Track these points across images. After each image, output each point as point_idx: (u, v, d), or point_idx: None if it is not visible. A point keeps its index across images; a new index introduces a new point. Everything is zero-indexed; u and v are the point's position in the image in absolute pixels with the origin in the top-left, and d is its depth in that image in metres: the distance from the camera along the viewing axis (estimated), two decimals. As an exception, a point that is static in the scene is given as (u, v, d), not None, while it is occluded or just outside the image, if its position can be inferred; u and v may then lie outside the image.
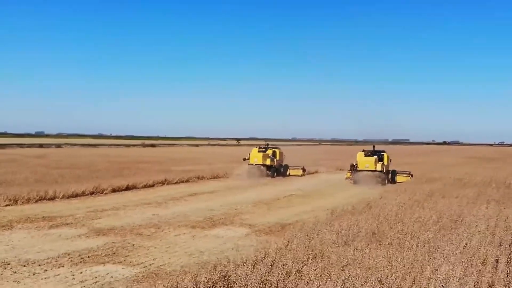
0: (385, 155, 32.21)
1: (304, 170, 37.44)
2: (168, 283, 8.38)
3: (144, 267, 10.28)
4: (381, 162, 31.25)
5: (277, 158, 36.20)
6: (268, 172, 34.39)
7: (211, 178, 31.22)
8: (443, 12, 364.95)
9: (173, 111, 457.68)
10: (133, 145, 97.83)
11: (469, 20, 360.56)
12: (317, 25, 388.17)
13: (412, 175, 32.68)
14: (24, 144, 78.64)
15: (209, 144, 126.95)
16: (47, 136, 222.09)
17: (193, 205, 19.58)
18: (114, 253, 11.43)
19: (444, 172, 38.16)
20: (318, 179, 34.51)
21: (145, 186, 25.07)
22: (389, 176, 31.88)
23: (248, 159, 35.06)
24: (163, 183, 26.64)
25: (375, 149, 32.61)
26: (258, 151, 35.37)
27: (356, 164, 31.27)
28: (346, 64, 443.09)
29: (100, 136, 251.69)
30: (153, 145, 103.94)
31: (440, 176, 33.04)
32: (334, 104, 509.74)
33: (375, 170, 30.33)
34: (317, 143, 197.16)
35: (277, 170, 35.49)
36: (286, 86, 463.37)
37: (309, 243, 11.29)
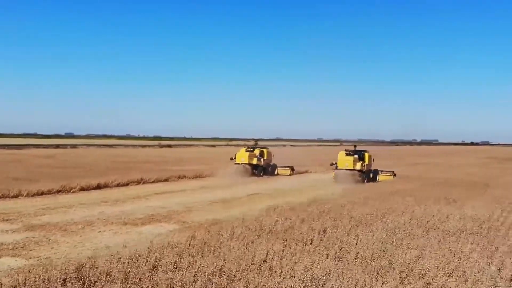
0: (366, 155, 32.71)
1: (292, 169, 37.75)
2: (35, 274, 8.65)
3: (38, 260, 10.62)
4: (362, 161, 31.72)
5: (265, 157, 36.58)
6: (254, 171, 34.76)
7: (193, 178, 31.58)
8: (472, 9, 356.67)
9: (202, 112, 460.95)
10: (150, 146, 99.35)
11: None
12: (332, 25, 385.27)
13: (395, 175, 32.76)
14: (41, 145, 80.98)
15: (227, 145, 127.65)
16: (76, 137, 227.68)
17: (149, 203, 19.90)
18: (23, 247, 11.84)
19: (444, 173, 37.79)
20: (304, 178, 34.68)
21: (118, 185, 25.55)
22: (371, 175, 32.31)
23: (235, 158, 35.49)
24: (138, 182, 27.08)
25: (357, 149, 33.41)
26: (246, 151, 35.81)
27: (337, 163, 31.81)
28: (370, 65, 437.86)
29: (127, 137, 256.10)
30: (169, 146, 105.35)
31: (431, 177, 32.91)
32: (359, 105, 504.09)
33: (354, 169, 30.93)
34: (339, 144, 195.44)
35: (264, 169, 35.82)
36: (313, 87, 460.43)
37: (209, 239, 11.48)
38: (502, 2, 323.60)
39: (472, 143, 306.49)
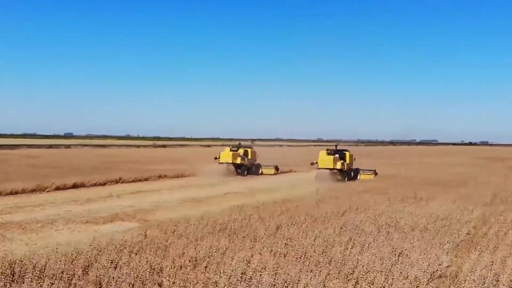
0: (347, 154, 33.30)
1: (277, 169, 38.19)
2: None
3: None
4: (342, 161, 32.20)
5: (249, 157, 37.09)
6: (238, 170, 35.18)
7: (175, 177, 31.72)
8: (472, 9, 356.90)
9: (202, 113, 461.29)
10: (144, 146, 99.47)
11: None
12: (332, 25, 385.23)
13: (376, 174, 33.00)
14: (34, 145, 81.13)
15: (222, 145, 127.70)
16: (75, 137, 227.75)
17: (120, 202, 20.01)
18: (-25, 244, 11.97)
19: (428, 172, 38.00)
20: (287, 177, 35.00)
21: (95, 185, 25.66)
22: (352, 174, 32.76)
23: (219, 158, 35.86)
24: (117, 181, 27.20)
25: (338, 148, 34.00)
26: (230, 150, 36.19)
27: (317, 162, 32.19)
28: (372, 65, 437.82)
29: (126, 137, 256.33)
30: (164, 146, 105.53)
31: (412, 176, 33.12)
32: (359, 105, 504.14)
33: (334, 168, 31.35)
34: (336, 144, 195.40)
35: (249, 168, 36.32)
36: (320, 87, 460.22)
37: (157, 237, 11.60)
38: (502, 2, 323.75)
39: (470, 143, 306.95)
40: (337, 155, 32.44)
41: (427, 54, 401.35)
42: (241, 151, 36.95)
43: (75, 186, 24.62)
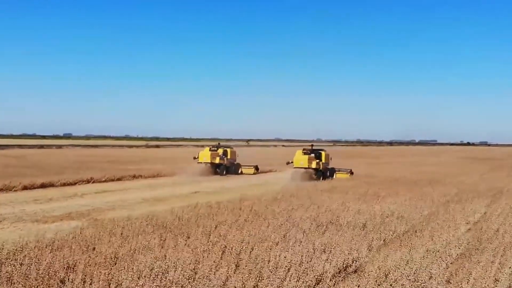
0: (323, 153, 33.64)
1: (257, 168, 38.45)
2: None
3: None
4: (318, 160, 32.53)
5: (228, 156, 37.44)
6: (217, 169, 35.55)
7: (150, 176, 31.83)
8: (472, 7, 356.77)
9: (202, 113, 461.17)
10: (136, 146, 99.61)
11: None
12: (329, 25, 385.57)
13: (352, 173, 33.34)
14: (26, 145, 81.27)
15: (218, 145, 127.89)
16: (74, 138, 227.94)
17: (80, 201, 20.12)
18: None
19: (405, 171, 38.23)
20: (263, 177, 35.44)
21: (64, 184, 25.77)
22: (328, 173, 33.18)
23: (198, 157, 36.23)
24: (88, 181, 27.33)
25: (314, 148, 34.33)
26: (210, 150, 36.55)
27: (292, 162, 32.72)
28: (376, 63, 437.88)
29: (124, 138, 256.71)
30: (157, 146, 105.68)
31: (386, 175, 33.34)
32: (359, 105, 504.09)
33: (309, 167, 31.77)
34: (332, 144, 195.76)
35: (228, 168, 36.66)
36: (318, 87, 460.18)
37: (92, 235, 11.73)
38: (501, 2, 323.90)
39: (468, 143, 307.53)
40: (312, 155, 32.90)
41: (427, 54, 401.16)
42: (220, 151, 37.42)
43: (43, 185, 24.72)
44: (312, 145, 35.03)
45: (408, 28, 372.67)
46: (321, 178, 31.77)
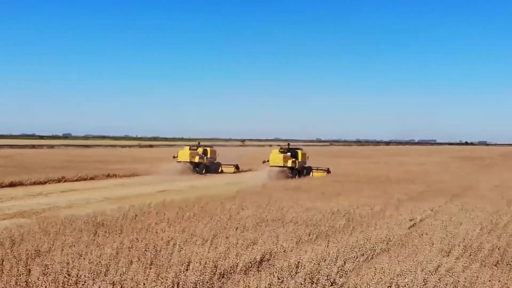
0: (300, 152, 33.94)
1: (237, 167, 38.60)
2: None
3: None
4: (294, 159, 32.89)
5: (208, 155, 37.65)
6: (196, 169, 35.77)
7: (125, 176, 31.85)
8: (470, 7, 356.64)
9: (202, 113, 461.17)
10: (129, 146, 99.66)
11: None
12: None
13: (329, 172, 33.46)
14: (17, 145, 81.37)
15: (212, 145, 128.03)
16: (73, 137, 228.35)
17: (41, 200, 20.10)
18: None
19: (382, 170, 38.23)
20: (240, 176, 35.46)
21: (34, 183, 25.78)
22: (304, 172, 33.52)
23: (177, 156, 36.51)
24: (59, 180, 27.35)
25: (290, 147, 34.59)
26: (190, 149, 36.77)
27: (268, 161, 33.16)
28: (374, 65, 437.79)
29: (123, 138, 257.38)
30: (151, 146, 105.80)
31: (361, 174, 33.42)
32: (359, 105, 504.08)
33: (285, 166, 32.14)
34: (328, 144, 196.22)
35: (208, 167, 36.90)
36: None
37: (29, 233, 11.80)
38: (500, 2, 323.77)
39: (466, 143, 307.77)
40: (288, 154, 33.25)
41: (427, 54, 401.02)
42: (200, 150, 37.73)
43: (12, 184, 24.77)
44: (288, 144, 35.34)
45: (408, 28, 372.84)
46: (296, 176, 31.86)
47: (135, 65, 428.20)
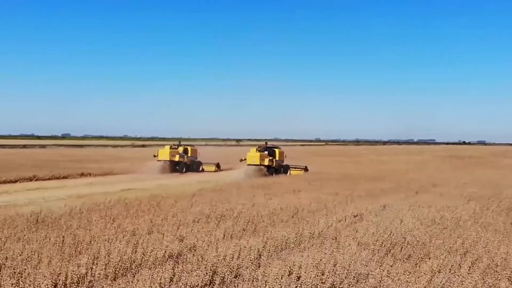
0: (277, 151, 34.66)
1: (218, 166, 38.82)
2: None
3: None
4: (271, 157, 33.47)
5: (189, 154, 37.99)
6: (177, 167, 36.14)
7: (98, 175, 31.92)
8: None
9: (202, 113, 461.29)
10: (121, 146, 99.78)
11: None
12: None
13: (307, 170, 33.71)
14: (7, 145, 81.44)
15: (205, 145, 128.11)
16: (71, 138, 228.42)
17: (3, 198, 20.13)
18: None
19: (359, 169, 38.35)
20: (220, 174, 35.52)
21: (5, 182, 25.87)
22: (282, 170, 33.99)
23: (157, 155, 36.81)
24: (31, 179, 27.49)
25: (268, 146, 35.43)
26: (170, 148, 37.07)
27: (245, 159, 33.67)
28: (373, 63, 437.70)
29: (122, 138, 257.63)
30: (143, 146, 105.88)
31: (336, 172, 33.60)
32: (359, 105, 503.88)
33: (261, 164, 32.75)
34: (324, 144, 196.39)
35: (188, 166, 37.27)
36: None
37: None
38: (499, 2, 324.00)
39: (464, 143, 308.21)
40: (265, 152, 33.78)
41: (426, 54, 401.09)
42: (180, 149, 38.15)
43: (-20, 183, 24.86)
44: (266, 143, 35.85)
45: (407, 28, 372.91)
46: (273, 175, 32.06)
47: (135, 65, 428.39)
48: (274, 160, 33.50)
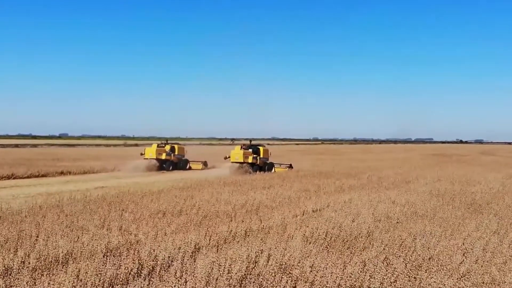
0: (261, 149, 35.19)
1: (205, 164, 38.97)
2: None
3: None
4: (255, 155, 34.14)
5: (176, 152, 38.17)
6: (164, 165, 36.58)
7: (80, 173, 31.94)
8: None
9: (202, 113, 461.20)
10: (114, 145, 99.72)
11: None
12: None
13: (291, 167, 34.57)
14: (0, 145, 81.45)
15: (200, 144, 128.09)
16: (68, 137, 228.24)
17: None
18: None
19: (340, 166, 38.47)
20: (205, 172, 35.47)
21: (-19, 180, 25.94)
22: (266, 168, 34.34)
23: (144, 153, 36.98)
24: (8, 177, 27.57)
25: (252, 144, 35.76)
26: (158, 146, 37.30)
27: (229, 157, 34.23)
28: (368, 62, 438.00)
29: (120, 137, 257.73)
30: (136, 145, 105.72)
31: (317, 170, 33.63)
32: (357, 105, 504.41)
33: (244, 162, 33.28)
34: (320, 142, 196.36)
35: (175, 163, 37.57)
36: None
37: None
38: (499, 2, 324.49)
39: (461, 141, 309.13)
40: (249, 150, 34.38)
41: (425, 53, 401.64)
42: (167, 147, 38.44)
43: (-45, 181, 24.86)
44: (250, 141, 36.11)
45: (406, 28, 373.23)
46: (257, 172, 32.36)
47: (134, 65, 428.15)
48: (258, 157, 34.03)
